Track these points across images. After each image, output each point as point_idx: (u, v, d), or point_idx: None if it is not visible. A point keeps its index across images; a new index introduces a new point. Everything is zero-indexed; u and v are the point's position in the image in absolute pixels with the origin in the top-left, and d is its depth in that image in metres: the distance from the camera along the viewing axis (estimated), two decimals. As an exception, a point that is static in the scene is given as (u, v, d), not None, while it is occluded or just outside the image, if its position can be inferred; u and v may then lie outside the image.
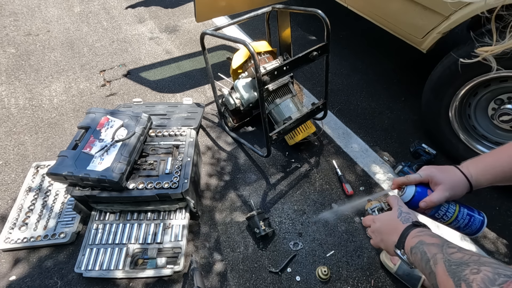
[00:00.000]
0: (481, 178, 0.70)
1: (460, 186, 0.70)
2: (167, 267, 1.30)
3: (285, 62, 1.39)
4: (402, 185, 0.77)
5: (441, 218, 0.73)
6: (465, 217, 0.73)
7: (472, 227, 0.73)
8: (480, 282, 0.42)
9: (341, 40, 2.62)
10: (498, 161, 0.69)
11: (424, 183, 0.75)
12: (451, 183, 0.70)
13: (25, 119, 2.05)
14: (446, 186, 0.69)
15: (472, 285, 0.43)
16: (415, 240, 0.61)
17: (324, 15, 1.44)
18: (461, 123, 1.59)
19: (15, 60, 2.51)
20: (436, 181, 0.71)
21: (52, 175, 1.31)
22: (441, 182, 0.70)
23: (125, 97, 2.18)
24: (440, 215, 0.73)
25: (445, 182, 0.70)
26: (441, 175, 0.71)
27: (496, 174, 0.69)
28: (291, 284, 1.31)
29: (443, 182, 0.70)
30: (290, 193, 1.63)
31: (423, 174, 0.74)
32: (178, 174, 1.39)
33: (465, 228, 0.73)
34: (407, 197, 0.74)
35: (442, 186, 0.70)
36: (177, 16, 3.03)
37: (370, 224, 0.77)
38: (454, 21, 1.42)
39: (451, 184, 0.70)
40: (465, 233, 0.75)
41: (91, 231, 1.39)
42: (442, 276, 0.50)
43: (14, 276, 1.35)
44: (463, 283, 0.45)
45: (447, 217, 0.73)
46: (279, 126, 1.62)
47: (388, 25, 1.80)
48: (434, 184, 0.72)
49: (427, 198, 0.70)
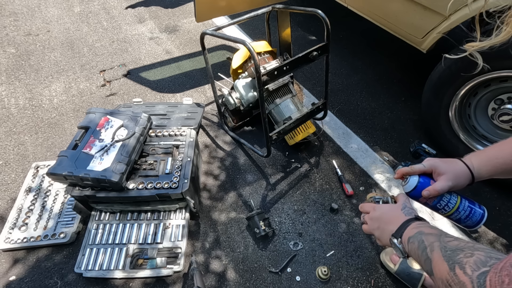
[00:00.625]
0: (482, 169, 0.70)
1: (462, 177, 0.70)
2: (167, 267, 1.30)
3: (285, 62, 1.38)
4: (406, 175, 0.77)
5: (443, 208, 0.74)
6: (466, 208, 0.73)
7: (473, 219, 0.74)
8: (473, 263, 0.44)
9: (341, 40, 2.62)
10: (500, 153, 0.70)
11: (427, 174, 0.76)
12: (454, 172, 0.71)
13: (25, 119, 2.05)
14: (449, 176, 0.70)
15: (465, 267, 0.45)
16: (414, 230, 0.63)
17: (324, 15, 1.44)
18: (461, 123, 1.59)
19: (15, 60, 2.51)
20: (439, 171, 0.72)
21: (52, 175, 1.31)
22: (444, 172, 0.71)
23: (125, 97, 2.18)
24: (442, 205, 0.74)
25: (448, 172, 0.71)
26: (444, 166, 0.72)
27: (497, 166, 0.69)
28: (291, 284, 1.31)
29: (446, 172, 0.71)
30: (290, 193, 1.63)
31: (427, 165, 0.75)
32: (178, 174, 1.39)
33: (466, 220, 0.74)
34: (410, 186, 0.75)
35: (445, 176, 0.71)
36: (177, 16, 3.03)
37: (369, 211, 0.77)
38: (454, 21, 1.42)
39: (454, 174, 0.71)
40: (465, 225, 0.75)
41: (91, 231, 1.39)
42: (437, 261, 0.52)
43: (14, 276, 1.35)
44: (457, 265, 0.47)
45: (449, 208, 0.73)
46: (279, 126, 1.62)
47: (388, 25, 1.80)
48: (437, 174, 0.73)
49: (430, 187, 0.71)
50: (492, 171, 0.70)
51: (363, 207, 0.80)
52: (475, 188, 1.60)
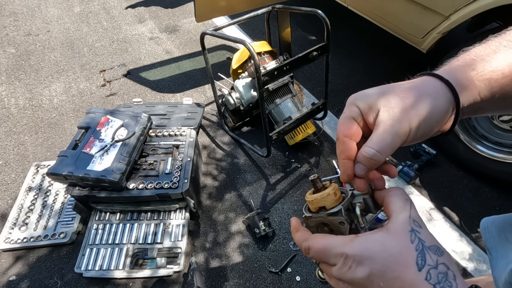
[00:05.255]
0: (472, 84, 0.35)
1: (426, 102, 0.34)
2: (167, 267, 1.30)
3: (285, 62, 1.38)
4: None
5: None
6: None
7: None
8: None
9: (341, 40, 2.62)
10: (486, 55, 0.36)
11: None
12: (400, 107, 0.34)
13: (25, 119, 2.05)
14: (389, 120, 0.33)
15: None
16: None
17: (324, 15, 1.44)
18: (461, 123, 1.59)
19: (15, 60, 2.51)
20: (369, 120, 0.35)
21: (52, 175, 1.31)
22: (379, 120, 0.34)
23: (125, 97, 2.18)
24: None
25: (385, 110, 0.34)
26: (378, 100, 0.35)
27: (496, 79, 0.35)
28: (291, 284, 1.31)
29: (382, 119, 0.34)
30: (290, 193, 1.63)
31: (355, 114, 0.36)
32: (178, 174, 1.39)
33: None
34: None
35: (382, 124, 0.34)
36: (177, 16, 3.03)
37: (329, 261, 0.34)
38: (454, 21, 1.42)
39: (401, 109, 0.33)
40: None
41: (91, 231, 1.39)
42: None
43: (14, 276, 1.35)
44: None
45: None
46: (279, 126, 1.62)
47: (388, 25, 1.80)
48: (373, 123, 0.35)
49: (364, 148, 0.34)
50: (498, 87, 0.35)
51: (312, 249, 0.35)
52: (475, 188, 1.60)
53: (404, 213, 0.32)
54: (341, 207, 0.35)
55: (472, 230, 1.46)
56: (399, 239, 0.30)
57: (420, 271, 0.29)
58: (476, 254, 1.39)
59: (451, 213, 1.53)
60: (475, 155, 1.57)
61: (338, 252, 0.32)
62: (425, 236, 0.31)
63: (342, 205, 0.35)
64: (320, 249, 0.34)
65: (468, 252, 1.40)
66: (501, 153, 1.50)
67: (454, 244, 1.42)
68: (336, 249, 0.32)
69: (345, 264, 0.31)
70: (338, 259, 0.32)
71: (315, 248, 0.34)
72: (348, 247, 0.31)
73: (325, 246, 0.33)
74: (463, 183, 1.64)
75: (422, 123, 0.33)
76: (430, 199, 1.59)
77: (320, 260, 0.35)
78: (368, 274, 0.30)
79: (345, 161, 0.35)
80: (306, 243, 0.35)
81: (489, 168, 1.53)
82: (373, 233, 0.32)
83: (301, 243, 0.36)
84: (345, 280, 0.32)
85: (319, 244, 0.34)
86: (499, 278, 0.48)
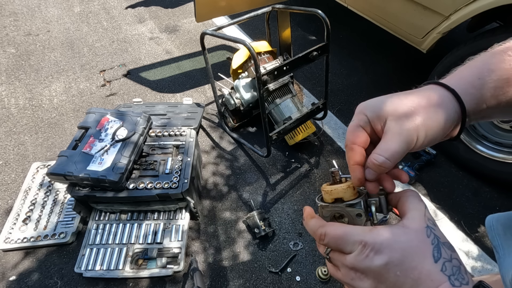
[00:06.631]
0: (485, 92, 0.36)
1: (436, 113, 0.35)
2: (167, 267, 1.30)
3: (285, 62, 1.39)
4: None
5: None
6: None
7: None
8: None
9: (341, 40, 2.62)
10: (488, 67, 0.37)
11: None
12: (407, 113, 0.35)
13: (25, 119, 2.05)
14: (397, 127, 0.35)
15: None
16: None
17: (324, 15, 1.44)
18: (461, 123, 1.59)
19: (15, 60, 2.51)
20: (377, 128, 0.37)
21: (52, 175, 1.31)
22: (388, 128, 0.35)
23: (125, 97, 2.18)
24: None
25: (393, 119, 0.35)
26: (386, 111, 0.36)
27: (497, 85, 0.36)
28: (291, 284, 1.31)
29: (390, 128, 0.35)
30: (290, 193, 1.63)
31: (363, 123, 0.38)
32: (178, 174, 1.39)
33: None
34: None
35: (390, 132, 0.35)
36: (177, 16, 3.03)
37: (345, 249, 0.35)
38: (454, 21, 1.42)
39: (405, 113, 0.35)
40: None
41: (91, 231, 1.39)
42: None
43: (14, 276, 1.35)
44: None
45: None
46: (279, 126, 1.62)
47: (388, 25, 1.80)
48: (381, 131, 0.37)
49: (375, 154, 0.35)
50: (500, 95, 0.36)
51: (329, 235, 0.36)
52: (475, 188, 1.60)
53: (419, 211, 0.34)
54: (360, 199, 0.37)
55: (472, 230, 1.46)
56: (416, 233, 0.32)
57: (436, 263, 0.31)
58: (476, 254, 1.39)
59: (451, 213, 1.53)
60: (475, 155, 1.57)
61: (357, 239, 0.33)
62: (439, 233, 0.33)
63: (361, 198, 0.37)
64: (338, 235, 0.35)
65: (468, 252, 1.40)
66: (501, 153, 1.50)
67: (454, 244, 1.42)
68: (355, 237, 0.33)
69: (363, 252, 0.32)
70: (356, 247, 0.33)
71: (332, 234, 0.35)
72: (368, 235, 0.33)
73: (344, 233, 0.35)
74: (463, 183, 1.64)
75: (429, 132, 0.34)
76: (430, 199, 1.59)
77: (335, 247, 0.35)
78: (386, 263, 0.31)
79: (355, 167, 0.37)
80: (323, 229, 0.36)
81: (489, 168, 1.53)
82: (390, 227, 0.33)
83: (316, 229, 0.37)
84: (360, 268, 0.33)
85: (337, 231, 0.35)
86: (506, 276, 0.48)
